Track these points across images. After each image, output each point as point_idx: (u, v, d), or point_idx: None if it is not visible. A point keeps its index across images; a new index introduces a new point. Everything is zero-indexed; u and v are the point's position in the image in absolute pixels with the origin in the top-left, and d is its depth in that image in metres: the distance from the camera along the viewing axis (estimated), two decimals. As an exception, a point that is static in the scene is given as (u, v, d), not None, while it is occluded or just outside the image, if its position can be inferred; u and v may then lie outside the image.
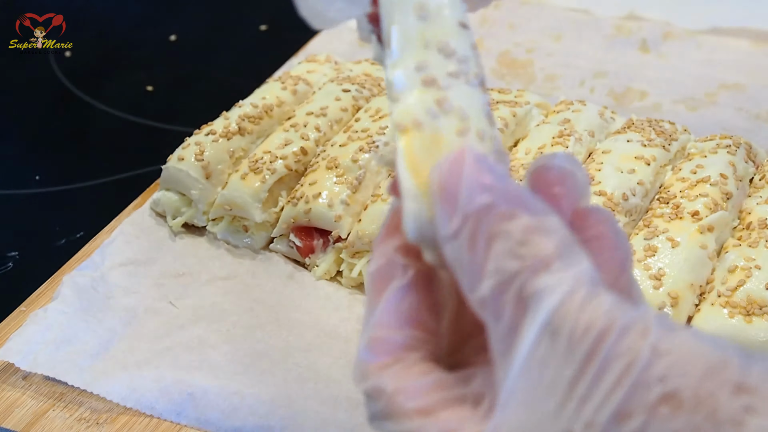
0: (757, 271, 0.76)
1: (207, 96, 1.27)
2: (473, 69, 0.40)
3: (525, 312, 0.34)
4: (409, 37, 0.40)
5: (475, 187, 0.36)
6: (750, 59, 1.21)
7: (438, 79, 0.39)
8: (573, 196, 0.39)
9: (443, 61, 0.40)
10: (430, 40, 0.40)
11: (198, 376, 0.76)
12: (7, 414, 0.76)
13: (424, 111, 0.38)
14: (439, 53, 0.40)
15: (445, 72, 0.40)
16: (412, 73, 0.39)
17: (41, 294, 0.88)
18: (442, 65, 0.40)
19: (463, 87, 0.39)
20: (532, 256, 0.34)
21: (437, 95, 0.39)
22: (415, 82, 0.39)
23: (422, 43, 0.40)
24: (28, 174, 1.14)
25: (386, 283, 0.39)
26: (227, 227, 0.93)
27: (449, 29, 0.40)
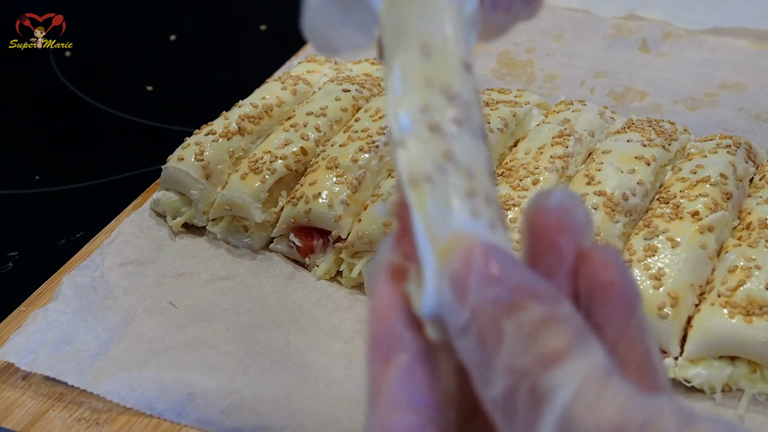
0: (757, 271, 0.76)
1: (207, 96, 1.27)
2: (476, 118, 0.39)
3: (538, 412, 0.32)
4: (412, 74, 0.38)
5: (484, 280, 0.34)
6: (750, 59, 1.21)
7: (442, 125, 0.38)
8: (574, 239, 0.38)
9: (447, 104, 0.38)
10: (433, 80, 0.38)
11: (198, 376, 0.76)
12: (7, 414, 0.76)
13: (434, 165, 0.37)
14: (442, 95, 0.38)
15: (448, 117, 0.38)
16: (417, 115, 0.38)
17: (41, 294, 0.88)
18: (445, 109, 0.38)
19: (467, 139, 0.38)
20: (544, 350, 0.33)
21: (444, 147, 0.37)
22: (420, 126, 0.37)
23: (425, 83, 0.38)
24: (28, 174, 1.14)
25: (388, 355, 0.37)
26: (227, 227, 0.93)
27: (453, 70, 0.39)
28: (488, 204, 0.37)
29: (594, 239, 0.39)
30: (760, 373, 0.74)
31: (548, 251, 0.37)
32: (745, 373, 0.74)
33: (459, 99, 0.38)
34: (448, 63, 0.39)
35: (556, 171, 0.88)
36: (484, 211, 0.36)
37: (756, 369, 0.74)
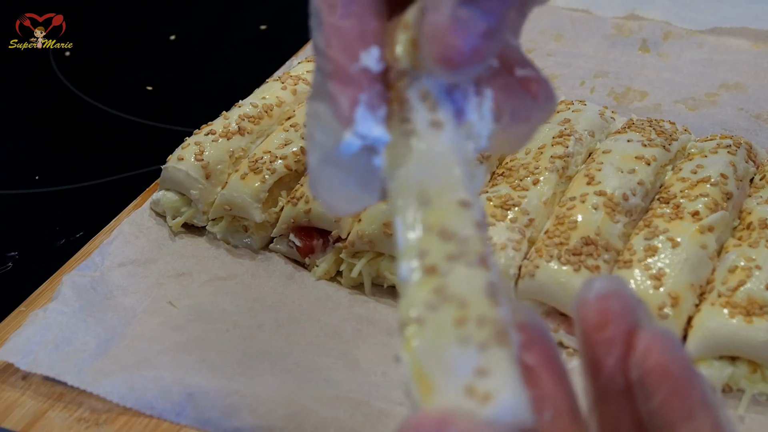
0: (758, 271, 0.76)
1: (207, 96, 1.27)
2: (474, 248, 0.40)
3: None
4: (411, 225, 0.40)
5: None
6: (750, 59, 1.21)
7: (438, 264, 0.39)
8: (620, 327, 0.38)
9: (443, 245, 0.39)
10: (431, 226, 0.40)
11: (198, 376, 0.76)
12: (7, 414, 0.76)
13: (424, 305, 0.38)
14: (439, 237, 0.40)
15: (443, 255, 0.39)
16: (414, 263, 0.39)
17: (41, 294, 0.88)
18: (441, 249, 0.39)
19: (461, 270, 0.39)
20: None
21: (436, 283, 0.39)
22: (417, 272, 0.39)
23: (424, 229, 0.40)
24: (28, 174, 1.14)
25: None
26: (227, 227, 0.93)
27: (449, 211, 0.40)
28: (481, 326, 0.38)
29: (648, 320, 0.38)
30: (761, 373, 0.74)
31: (596, 347, 0.37)
32: (745, 373, 0.74)
33: (455, 236, 0.40)
34: (444, 206, 0.40)
35: (556, 171, 0.88)
36: (474, 335, 0.37)
37: (756, 369, 0.74)
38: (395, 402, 0.74)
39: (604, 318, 0.37)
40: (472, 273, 0.39)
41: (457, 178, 0.41)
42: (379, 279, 0.87)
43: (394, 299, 0.86)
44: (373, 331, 0.82)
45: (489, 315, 0.38)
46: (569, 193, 0.86)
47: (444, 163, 0.41)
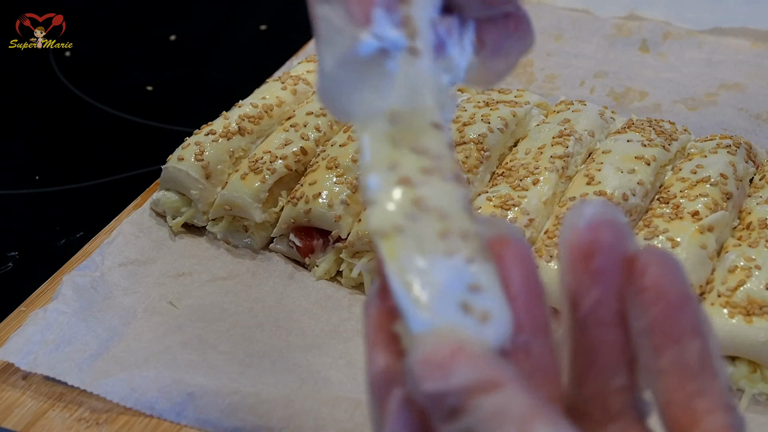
0: (757, 271, 0.76)
1: (207, 96, 1.27)
2: (448, 165, 0.39)
3: None
4: (380, 139, 0.39)
5: (440, 389, 0.34)
6: (750, 59, 1.21)
7: (411, 177, 0.38)
8: (612, 254, 0.37)
9: (416, 158, 0.39)
10: (400, 141, 0.39)
11: (197, 376, 0.76)
12: (7, 414, 0.76)
13: (403, 215, 0.37)
14: (411, 152, 0.39)
15: (417, 168, 0.38)
16: (386, 174, 0.38)
17: (41, 294, 0.88)
18: (414, 162, 0.39)
19: (438, 184, 0.38)
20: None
21: (413, 195, 0.38)
22: (389, 183, 0.38)
23: (392, 145, 0.39)
24: (28, 174, 1.14)
25: (388, 390, 0.37)
26: (227, 227, 0.93)
27: (422, 129, 0.40)
28: (465, 240, 0.37)
29: (635, 243, 0.38)
30: (760, 373, 0.74)
31: (581, 276, 0.37)
32: (745, 373, 0.74)
33: (428, 152, 0.39)
34: (416, 125, 0.40)
35: (556, 171, 0.88)
36: (460, 247, 0.37)
37: (756, 369, 0.74)
38: (395, 402, 0.74)
39: (593, 248, 0.37)
40: (449, 187, 0.38)
41: (430, 104, 0.40)
42: (379, 279, 0.87)
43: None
44: (373, 331, 0.82)
45: (471, 229, 0.38)
46: (569, 193, 0.86)
47: (416, 89, 0.40)
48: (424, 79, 0.41)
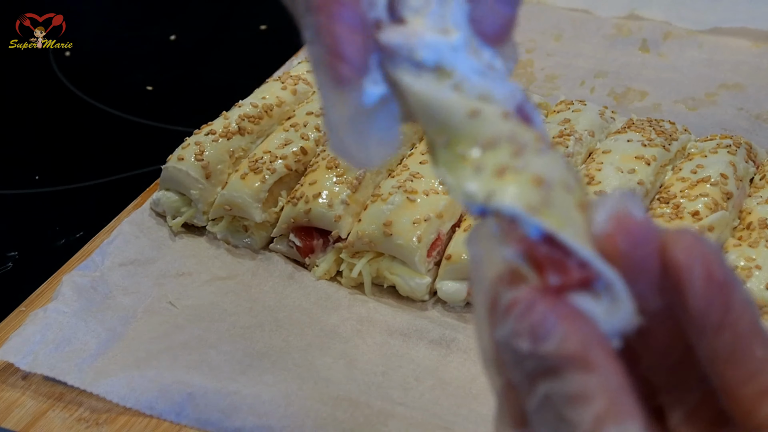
0: (758, 271, 0.76)
1: (207, 96, 1.27)
2: (530, 138, 0.38)
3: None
4: (450, 162, 0.39)
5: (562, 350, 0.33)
6: (750, 59, 1.21)
7: (505, 163, 0.37)
8: (643, 243, 0.35)
9: (493, 152, 0.38)
10: (486, 143, 0.38)
11: (197, 376, 0.76)
12: (7, 414, 0.76)
13: (537, 191, 0.36)
14: (485, 149, 0.38)
15: (507, 155, 0.38)
16: (475, 177, 0.38)
17: (41, 294, 0.88)
18: (496, 155, 0.38)
19: (537, 158, 0.38)
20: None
21: (527, 175, 0.37)
22: (487, 177, 0.37)
23: (462, 159, 0.39)
24: (28, 174, 1.14)
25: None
26: (227, 227, 0.93)
27: (494, 123, 0.39)
28: (586, 211, 0.37)
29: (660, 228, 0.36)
30: (761, 373, 0.74)
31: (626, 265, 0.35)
32: (745, 373, 0.74)
33: (500, 139, 0.38)
34: (489, 119, 0.39)
35: (556, 171, 0.88)
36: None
37: (756, 369, 0.74)
38: (395, 402, 0.74)
39: (627, 237, 0.35)
40: (550, 158, 0.38)
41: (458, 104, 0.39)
42: (379, 279, 0.87)
43: (394, 299, 0.86)
44: (372, 331, 0.82)
45: (580, 189, 0.38)
46: (569, 193, 0.86)
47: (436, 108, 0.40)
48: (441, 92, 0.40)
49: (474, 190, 0.37)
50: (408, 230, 0.83)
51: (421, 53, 0.40)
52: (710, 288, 0.34)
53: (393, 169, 0.93)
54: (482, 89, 0.40)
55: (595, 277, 0.35)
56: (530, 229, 0.36)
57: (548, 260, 0.35)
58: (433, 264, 0.85)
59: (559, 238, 0.35)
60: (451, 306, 0.84)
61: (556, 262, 0.35)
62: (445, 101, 0.39)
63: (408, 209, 0.85)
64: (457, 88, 0.40)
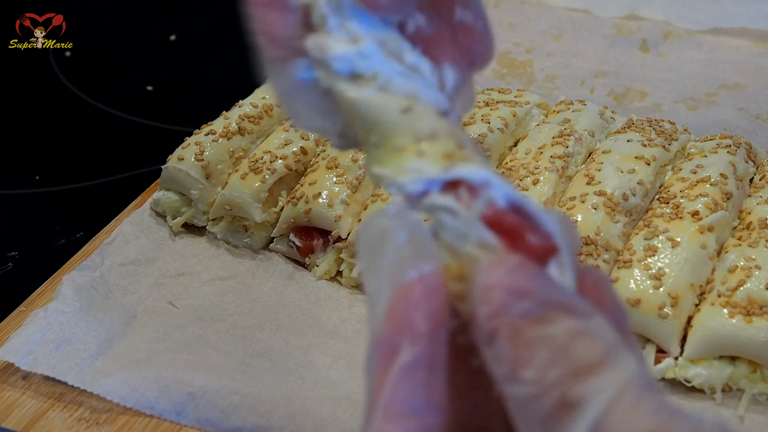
0: (758, 271, 0.76)
1: (207, 96, 1.27)
2: (469, 138, 0.39)
3: (567, 420, 0.32)
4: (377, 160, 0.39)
5: (513, 293, 0.34)
6: (750, 59, 1.21)
7: (456, 153, 0.37)
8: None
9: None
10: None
11: (198, 376, 0.76)
12: (7, 414, 0.76)
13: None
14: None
15: (453, 145, 0.38)
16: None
17: (41, 294, 0.88)
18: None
19: (479, 157, 0.38)
20: (576, 362, 0.32)
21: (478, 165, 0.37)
22: (441, 157, 0.38)
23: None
24: (28, 174, 1.14)
25: (393, 352, 0.35)
26: (227, 227, 0.93)
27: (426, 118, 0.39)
28: (474, 153, 0.37)
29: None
30: (761, 373, 0.74)
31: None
32: (745, 373, 0.74)
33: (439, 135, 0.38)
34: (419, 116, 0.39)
35: (556, 171, 0.88)
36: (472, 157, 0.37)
37: (756, 369, 0.74)
38: (395, 402, 0.74)
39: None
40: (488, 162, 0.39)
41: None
42: (379, 279, 0.87)
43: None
44: (373, 331, 0.82)
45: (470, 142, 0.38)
46: (569, 193, 0.86)
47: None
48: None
49: (421, 167, 0.37)
50: (408, 230, 0.83)
51: (333, 64, 0.39)
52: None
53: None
54: (408, 90, 0.39)
55: (558, 248, 0.36)
56: (499, 195, 0.36)
57: (519, 227, 0.35)
58: (433, 264, 0.85)
59: (525, 207, 0.36)
60: (451, 306, 0.84)
61: (527, 229, 0.36)
62: (373, 102, 0.39)
63: (408, 209, 0.84)
64: (383, 89, 0.39)
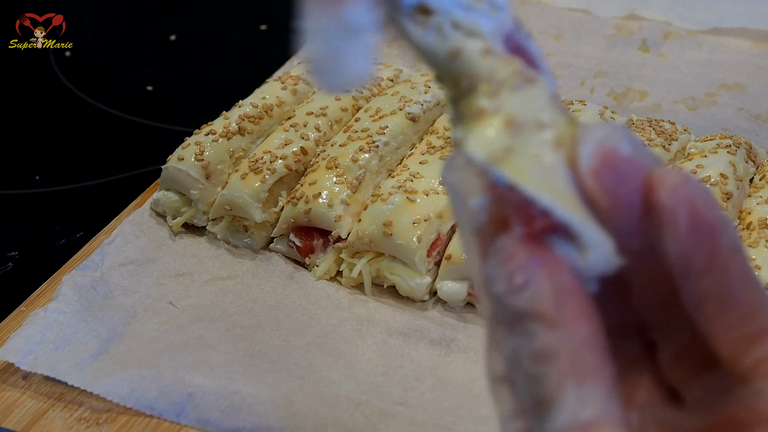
0: (758, 271, 0.76)
1: (207, 96, 1.27)
2: (506, 73, 0.36)
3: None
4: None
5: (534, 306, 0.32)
6: (750, 59, 1.21)
7: (484, 106, 0.36)
8: (629, 178, 0.33)
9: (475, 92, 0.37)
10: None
11: (198, 376, 0.76)
12: (7, 414, 0.76)
13: (504, 137, 0.35)
14: (468, 93, 0.37)
15: (484, 94, 0.36)
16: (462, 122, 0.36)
17: (41, 294, 0.88)
18: (476, 95, 0.36)
19: (511, 96, 0.36)
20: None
21: (502, 118, 0.35)
22: (471, 118, 0.36)
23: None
24: (28, 174, 1.14)
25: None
26: (227, 227, 0.93)
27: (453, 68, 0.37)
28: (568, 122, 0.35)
29: (655, 161, 0.34)
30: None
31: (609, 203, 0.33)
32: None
33: (478, 78, 0.37)
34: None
35: (556, 171, 0.88)
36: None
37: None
38: (395, 402, 0.74)
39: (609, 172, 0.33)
40: (525, 94, 0.36)
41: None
42: (379, 279, 0.87)
43: (394, 299, 0.86)
44: (373, 331, 0.82)
45: (564, 109, 0.36)
46: (569, 193, 0.86)
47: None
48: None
49: (455, 136, 0.36)
50: (408, 230, 0.83)
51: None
52: (695, 233, 0.33)
53: (393, 169, 0.93)
54: (468, 25, 0.38)
55: (560, 225, 0.34)
56: (495, 178, 0.35)
57: (517, 208, 0.34)
58: (433, 264, 0.85)
59: (519, 188, 0.34)
60: (451, 306, 0.84)
61: (523, 209, 0.34)
62: (427, 44, 0.38)
63: (408, 209, 0.85)
64: (438, 28, 0.38)
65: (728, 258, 0.33)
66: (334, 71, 0.38)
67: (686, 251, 0.33)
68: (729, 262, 0.33)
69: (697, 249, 0.32)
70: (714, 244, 0.33)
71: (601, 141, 0.33)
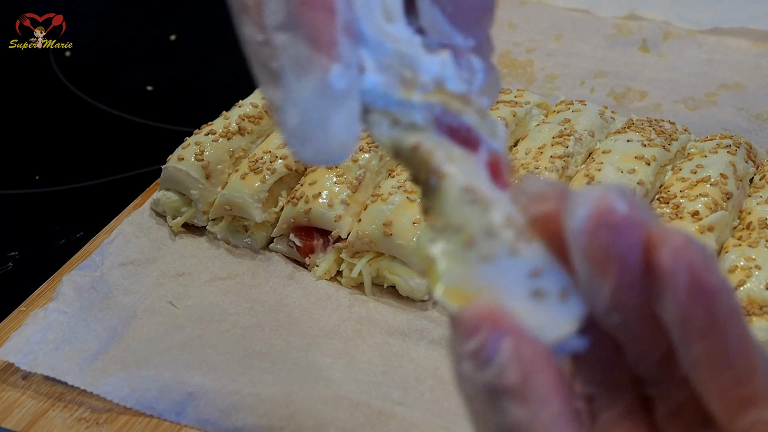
0: (757, 271, 0.76)
1: (207, 96, 1.27)
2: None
3: None
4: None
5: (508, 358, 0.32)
6: (750, 59, 1.21)
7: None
8: (627, 243, 0.33)
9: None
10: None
11: (198, 376, 0.76)
12: (7, 414, 0.76)
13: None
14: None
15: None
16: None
17: (41, 294, 0.88)
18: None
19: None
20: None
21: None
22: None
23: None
24: (28, 174, 1.14)
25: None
26: (227, 227, 0.93)
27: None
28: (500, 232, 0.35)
29: (653, 217, 0.33)
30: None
31: (604, 260, 0.33)
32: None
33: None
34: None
35: (556, 171, 0.88)
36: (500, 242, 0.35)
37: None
38: (395, 402, 0.74)
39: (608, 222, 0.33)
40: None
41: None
42: (379, 279, 0.87)
43: (394, 299, 0.86)
44: (372, 330, 0.83)
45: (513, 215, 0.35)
46: (569, 193, 0.86)
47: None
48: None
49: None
50: (408, 230, 0.83)
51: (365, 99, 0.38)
52: (693, 296, 0.32)
53: (393, 169, 0.93)
54: (403, 118, 0.38)
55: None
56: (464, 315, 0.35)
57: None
58: (433, 264, 0.85)
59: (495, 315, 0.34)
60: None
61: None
62: (381, 140, 0.38)
63: (408, 209, 0.85)
64: (378, 125, 0.37)
65: (726, 322, 0.33)
66: (316, 140, 0.36)
67: (684, 313, 0.32)
68: (727, 325, 0.33)
69: (695, 312, 0.32)
70: (712, 307, 0.32)
71: (596, 201, 0.33)
